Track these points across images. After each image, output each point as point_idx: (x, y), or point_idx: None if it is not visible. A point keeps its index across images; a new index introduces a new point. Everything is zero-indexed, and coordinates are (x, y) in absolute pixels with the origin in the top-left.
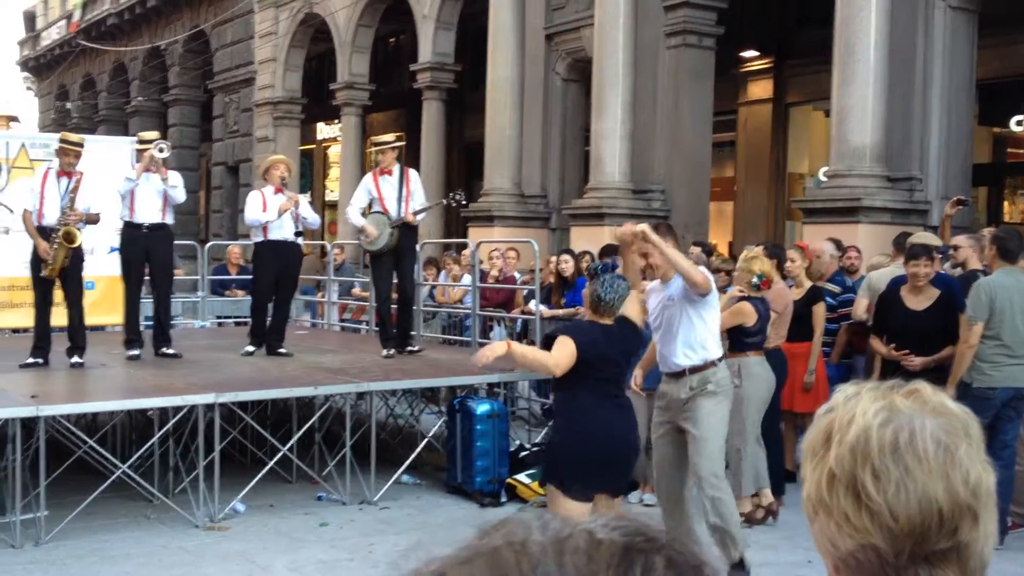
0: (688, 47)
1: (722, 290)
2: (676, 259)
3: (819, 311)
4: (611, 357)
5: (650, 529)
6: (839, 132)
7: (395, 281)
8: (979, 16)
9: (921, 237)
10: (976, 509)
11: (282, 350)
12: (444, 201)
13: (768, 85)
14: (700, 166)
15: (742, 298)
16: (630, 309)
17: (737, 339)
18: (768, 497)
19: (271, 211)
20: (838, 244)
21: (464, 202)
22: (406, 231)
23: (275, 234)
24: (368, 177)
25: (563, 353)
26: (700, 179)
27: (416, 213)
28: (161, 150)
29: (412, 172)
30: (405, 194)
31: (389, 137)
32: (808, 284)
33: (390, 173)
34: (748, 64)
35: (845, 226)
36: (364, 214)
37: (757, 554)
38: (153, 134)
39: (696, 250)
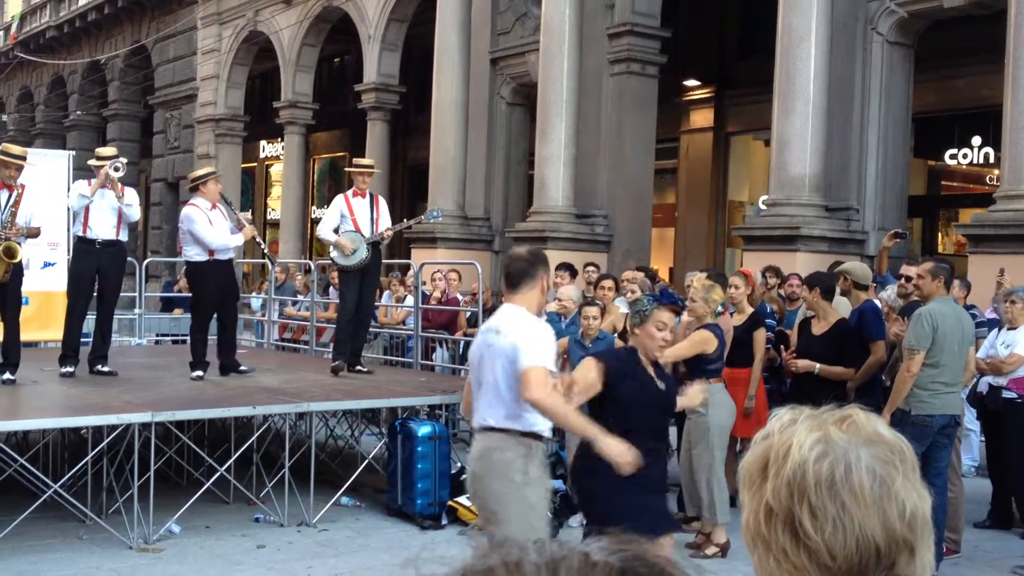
0: (632, 75)
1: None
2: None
3: (760, 336)
4: None
5: (648, 554)
6: (778, 161)
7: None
8: (915, 51)
9: (854, 266)
10: (913, 542)
11: (243, 367)
12: (422, 218)
13: (709, 114)
14: (642, 192)
15: (702, 327)
16: None
17: (697, 367)
18: (723, 536)
19: (223, 234)
20: (777, 272)
21: (440, 218)
22: (375, 251)
23: (220, 254)
24: (340, 198)
25: (584, 378)
26: (642, 205)
27: (390, 229)
28: (116, 168)
29: (380, 198)
30: (376, 216)
31: (368, 161)
32: (749, 310)
33: (363, 195)
34: (691, 93)
35: (784, 254)
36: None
37: None
38: (110, 150)
39: (639, 275)
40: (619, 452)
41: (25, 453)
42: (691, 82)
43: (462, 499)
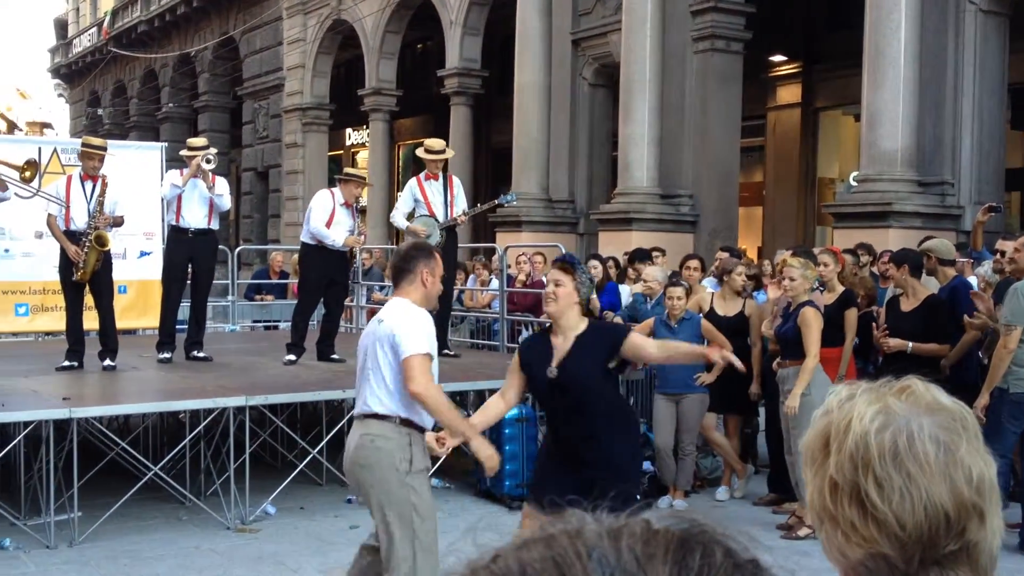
0: (716, 52)
1: (748, 295)
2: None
3: (851, 316)
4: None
5: (707, 523)
6: (869, 136)
7: None
8: (1010, 20)
9: (936, 243)
10: (982, 507)
11: (335, 356)
12: (496, 202)
13: (797, 90)
14: (728, 171)
15: (803, 304)
16: None
17: (799, 346)
18: None
19: (336, 233)
20: (869, 249)
21: (515, 202)
22: (450, 235)
23: (332, 241)
24: (413, 182)
25: (506, 387)
26: (728, 184)
27: (465, 214)
28: (208, 160)
29: (455, 178)
30: (449, 199)
31: (439, 144)
32: (840, 289)
33: (436, 178)
34: (777, 69)
35: (876, 231)
36: (409, 218)
37: (789, 559)
38: (201, 141)
39: (724, 255)
40: (486, 456)
41: (126, 437)
42: (777, 57)
43: None
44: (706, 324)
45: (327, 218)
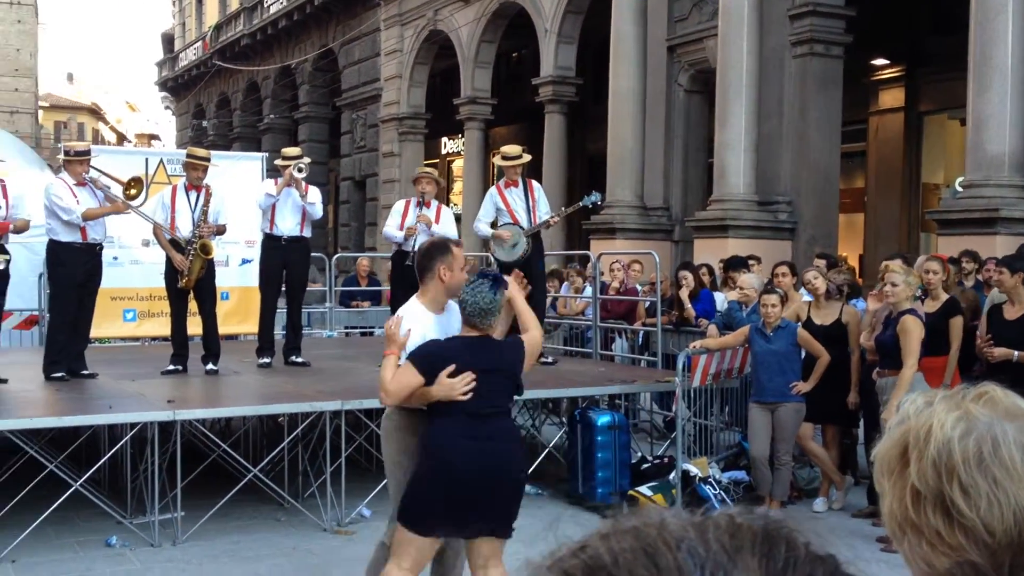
0: (815, 56)
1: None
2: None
3: (956, 324)
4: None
5: (784, 520)
6: (975, 141)
7: None
8: None
9: None
10: None
11: None
12: (580, 204)
13: (900, 94)
14: (828, 177)
15: (904, 312)
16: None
17: (899, 355)
18: None
19: (402, 230)
20: (975, 256)
21: (600, 203)
22: (536, 242)
23: (410, 246)
24: (493, 190)
25: (398, 380)
26: (828, 190)
27: (554, 216)
28: (300, 169)
29: (535, 183)
30: (531, 204)
31: (516, 150)
32: (944, 296)
33: (516, 185)
34: (879, 72)
35: (982, 237)
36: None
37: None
38: (295, 150)
39: (820, 262)
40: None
41: (228, 439)
42: (879, 61)
43: (643, 488)
44: (802, 332)
45: (399, 223)
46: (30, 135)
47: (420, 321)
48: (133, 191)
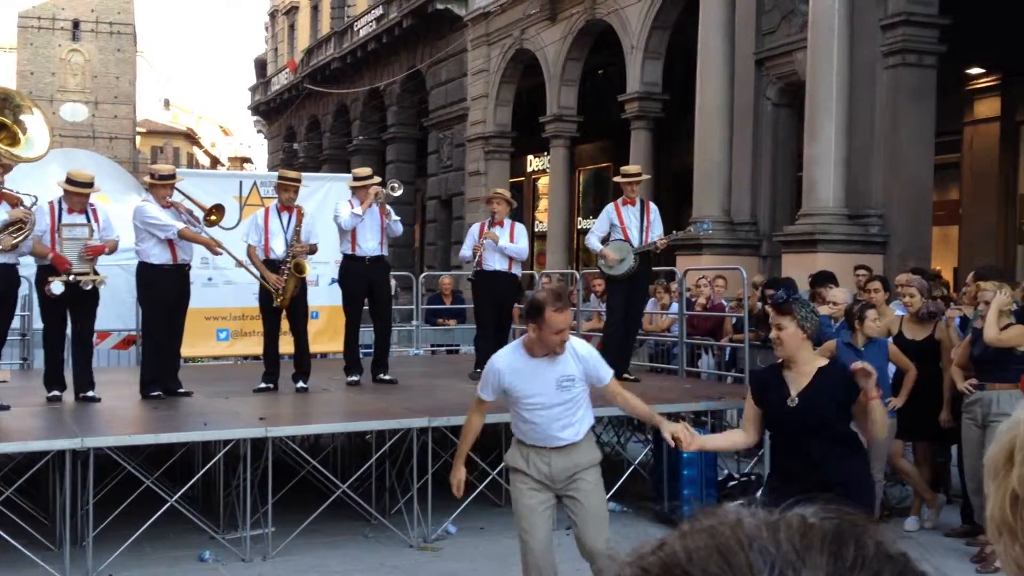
0: (907, 66)
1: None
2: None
3: None
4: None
5: (857, 516)
6: None
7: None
8: None
9: None
10: None
11: None
12: (692, 230)
13: (996, 103)
14: (921, 189)
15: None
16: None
17: (1007, 367)
18: None
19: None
20: None
21: (710, 231)
22: (643, 260)
23: (489, 266)
24: (610, 207)
25: (747, 421)
26: (921, 203)
27: (662, 239)
28: (393, 189)
29: (652, 204)
30: (646, 224)
31: (635, 168)
32: None
33: (633, 203)
34: (974, 82)
35: None
36: (604, 242)
37: None
38: (366, 170)
39: (915, 277)
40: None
41: (316, 456)
42: (975, 70)
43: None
44: (893, 348)
45: (472, 242)
46: (128, 160)
47: (513, 362)
48: (214, 217)
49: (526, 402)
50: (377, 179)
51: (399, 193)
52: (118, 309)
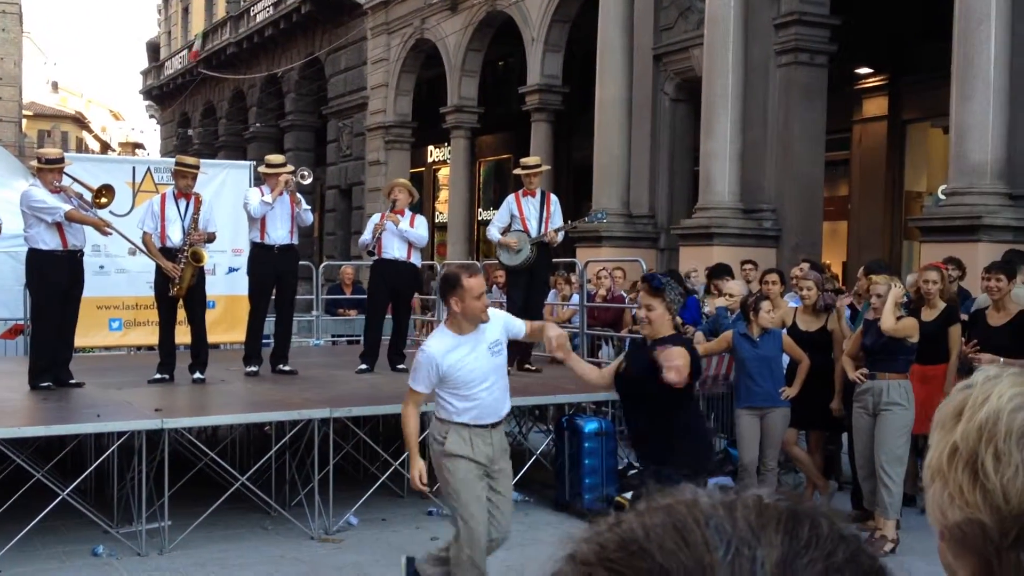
0: (800, 65)
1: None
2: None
3: (955, 332)
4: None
5: (812, 502)
6: (958, 149)
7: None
8: None
9: None
10: None
11: (401, 366)
12: (586, 220)
13: (883, 102)
14: (812, 185)
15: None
16: None
17: (896, 358)
18: (893, 531)
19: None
20: (959, 264)
21: (605, 220)
22: (543, 250)
23: (388, 253)
24: (511, 198)
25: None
26: (812, 198)
27: (557, 231)
28: (303, 177)
29: (552, 196)
30: (545, 215)
31: (533, 160)
32: (942, 305)
33: (533, 195)
34: (863, 81)
35: (964, 245)
36: (503, 233)
37: None
38: (279, 158)
39: (805, 266)
40: (414, 470)
41: (215, 447)
42: (863, 70)
43: (629, 495)
44: (787, 339)
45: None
46: (14, 144)
47: (446, 345)
48: (104, 199)
49: (468, 380)
50: (290, 168)
51: (309, 181)
52: (3, 297)
